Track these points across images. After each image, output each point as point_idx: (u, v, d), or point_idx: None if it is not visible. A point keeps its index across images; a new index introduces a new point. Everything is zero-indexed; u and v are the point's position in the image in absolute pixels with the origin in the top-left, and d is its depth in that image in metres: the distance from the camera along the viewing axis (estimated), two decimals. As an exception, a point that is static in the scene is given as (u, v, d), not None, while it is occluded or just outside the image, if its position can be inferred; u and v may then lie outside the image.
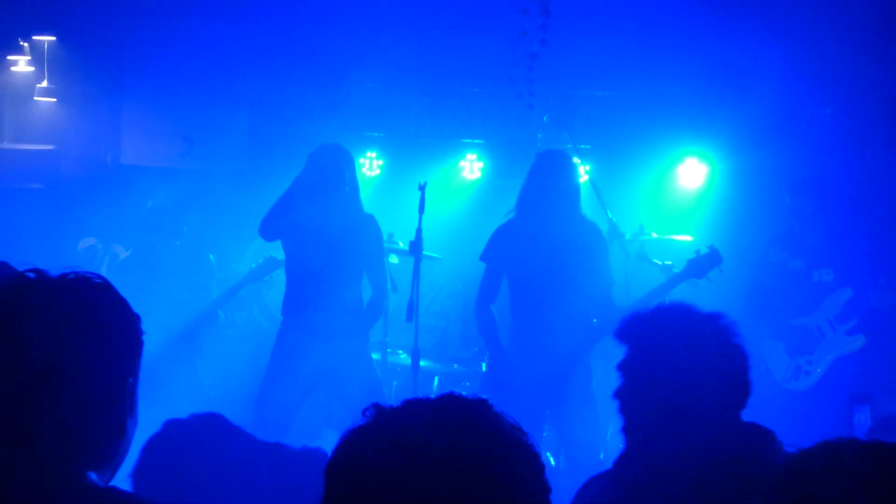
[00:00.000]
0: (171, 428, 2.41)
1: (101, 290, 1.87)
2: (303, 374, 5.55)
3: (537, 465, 1.44)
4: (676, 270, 6.19)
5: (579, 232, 5.51)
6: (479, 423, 1.44)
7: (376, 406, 1.48)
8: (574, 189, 5.52)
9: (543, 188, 5.50)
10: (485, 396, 1.49)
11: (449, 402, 1.47)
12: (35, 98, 8.02)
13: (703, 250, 5.57)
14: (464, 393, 1.51)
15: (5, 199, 7.72)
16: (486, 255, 5.70)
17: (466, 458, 1.38)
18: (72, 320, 1.81)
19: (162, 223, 6.68)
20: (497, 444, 1.42)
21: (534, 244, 5.50)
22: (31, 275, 1.85)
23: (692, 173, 7.31)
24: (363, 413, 1.48)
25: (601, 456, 5.59)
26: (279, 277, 6.21)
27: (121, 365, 1.86)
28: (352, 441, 1.46)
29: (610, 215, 6.15)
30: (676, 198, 7.37)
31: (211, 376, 6.71)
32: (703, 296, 5.69)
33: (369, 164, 8.07)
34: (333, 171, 5.67)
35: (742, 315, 6.30)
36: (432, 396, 1.49)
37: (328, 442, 2.89)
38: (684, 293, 5.56)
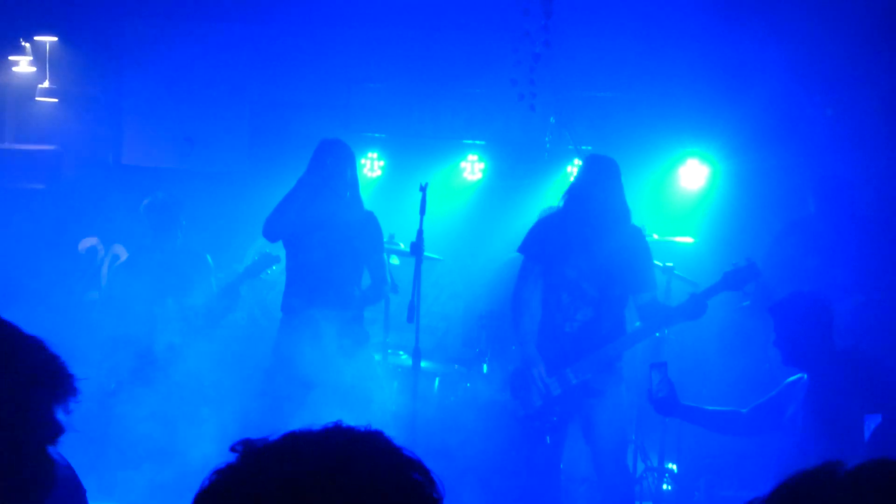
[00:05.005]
0: None
1: None
2: (303, 369, 5.54)
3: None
4: (678, 272, 6.20)
5: (626, 236, 5.32)
6: (368, 460, 1.25)
7: (245, 442, 1.29)
8: (622, 197, 5.31)
9: (592, 191, 5.28)
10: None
11: (334, 437, 1.27)
12: (37, 98, 8.03)
13: (741, 263, 5.22)
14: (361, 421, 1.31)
15: (7, 199, 7.72)
16: (526, 247, 5.41)
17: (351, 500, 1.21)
18: None
19: (161, 220, 6.66)
20: (385, 484, 1.23)
21: (577, 244, 5.28)
22: None
23: (693, 174, 7.31)
24: (231, 449, 1.28)
25: (627, 461, 5.50)
26: (280, 278, 6.21)
27: None
28: (218, 483, 1.26)
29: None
30: (678, 199, 7.36)
31: (211, 376, 6.70)
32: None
33: (370, 165, 8.07)
34: (336, 172, 5.68)
35: (749, 313, 6.26)
36: (317, 428, 1.29)
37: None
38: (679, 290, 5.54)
